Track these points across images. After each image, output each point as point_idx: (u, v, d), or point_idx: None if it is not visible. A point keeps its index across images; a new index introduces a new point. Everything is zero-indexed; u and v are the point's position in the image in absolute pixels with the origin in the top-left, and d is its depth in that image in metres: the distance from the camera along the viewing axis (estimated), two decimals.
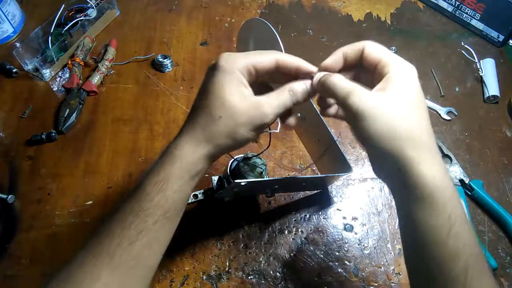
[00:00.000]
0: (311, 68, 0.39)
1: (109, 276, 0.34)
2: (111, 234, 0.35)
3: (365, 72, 0.39)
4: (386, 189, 0.62)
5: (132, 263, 0.35)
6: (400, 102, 0.34)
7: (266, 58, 0.37)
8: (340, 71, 0.39)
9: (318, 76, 0.38)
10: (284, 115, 0.41)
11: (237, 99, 0.36)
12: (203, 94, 0.37)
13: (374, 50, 0.37)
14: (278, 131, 0.61)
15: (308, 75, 0.39)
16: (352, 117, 0.35)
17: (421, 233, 0.34)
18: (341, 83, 0.36)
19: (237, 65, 0.36)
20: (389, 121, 0.33)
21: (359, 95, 0.34)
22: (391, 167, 0.34)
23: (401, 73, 0.35)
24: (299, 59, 0.38)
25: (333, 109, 0.42)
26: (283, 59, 0.38)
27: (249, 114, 0.36)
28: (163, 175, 0.36)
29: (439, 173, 0.33)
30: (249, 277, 0.54)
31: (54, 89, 0.73)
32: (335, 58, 0.38)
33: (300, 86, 0.38)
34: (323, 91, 0.38)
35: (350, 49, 0.38)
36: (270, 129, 0.45)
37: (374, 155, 0.37)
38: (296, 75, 0.39)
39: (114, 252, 0.34)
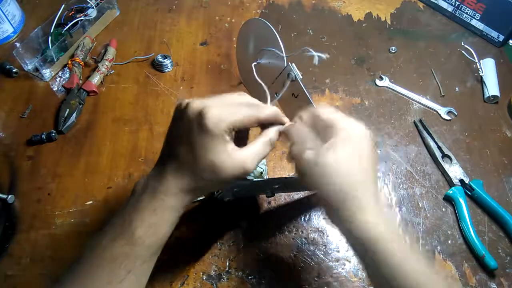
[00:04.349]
0: (285, 120, 0.43)
1: None
2: (100, 272, 0.36)
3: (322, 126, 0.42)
4: (385, 189, 0.62)
5: None
6: (344, 162, 0.38)
7: (250, 121, 0.39)
8: None
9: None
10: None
11: (224, 159, 0.38)
12: (189, 150, 0.38)
13: (326, 115, 0.41)
14: None
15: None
16: (301, 171, 0.40)
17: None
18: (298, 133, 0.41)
19: (224, 126, 0.37)
20: (333, 180, 0.38)
21: (308, 155, 0.39)
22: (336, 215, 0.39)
23: (348, 136, 0.39)
24: (277, 113, 0.42)
25: None
26: (265, 118, 0.41)
27: (234, 174, 0.38)
28: (155, 219, 0.38)
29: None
30: (249, 277, 0.54)
31: (54, 89, 0.73)
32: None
33: (274, 133, 0.42)
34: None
35: (306, 116, 0.42)
36: None
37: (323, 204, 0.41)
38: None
39: None
